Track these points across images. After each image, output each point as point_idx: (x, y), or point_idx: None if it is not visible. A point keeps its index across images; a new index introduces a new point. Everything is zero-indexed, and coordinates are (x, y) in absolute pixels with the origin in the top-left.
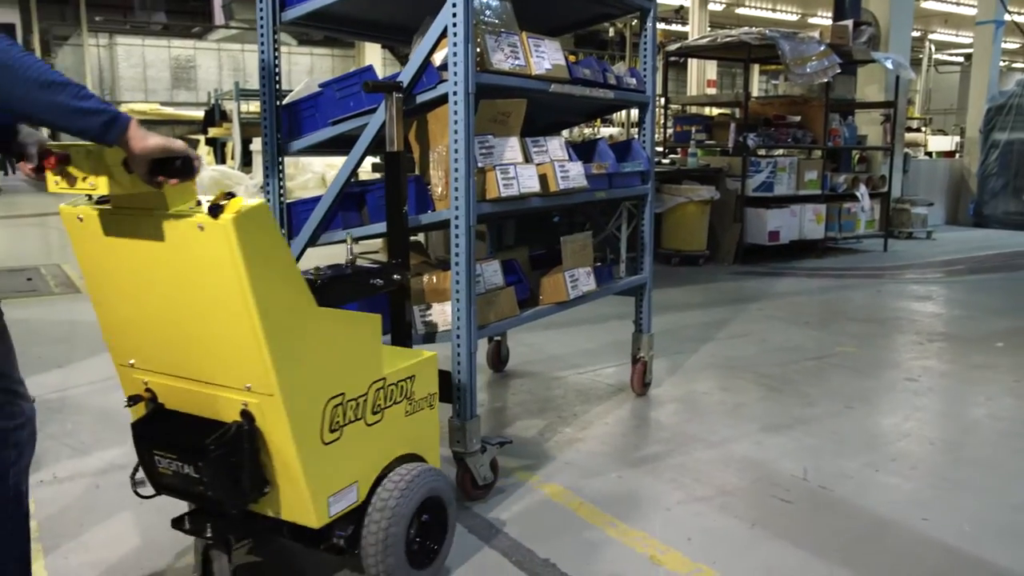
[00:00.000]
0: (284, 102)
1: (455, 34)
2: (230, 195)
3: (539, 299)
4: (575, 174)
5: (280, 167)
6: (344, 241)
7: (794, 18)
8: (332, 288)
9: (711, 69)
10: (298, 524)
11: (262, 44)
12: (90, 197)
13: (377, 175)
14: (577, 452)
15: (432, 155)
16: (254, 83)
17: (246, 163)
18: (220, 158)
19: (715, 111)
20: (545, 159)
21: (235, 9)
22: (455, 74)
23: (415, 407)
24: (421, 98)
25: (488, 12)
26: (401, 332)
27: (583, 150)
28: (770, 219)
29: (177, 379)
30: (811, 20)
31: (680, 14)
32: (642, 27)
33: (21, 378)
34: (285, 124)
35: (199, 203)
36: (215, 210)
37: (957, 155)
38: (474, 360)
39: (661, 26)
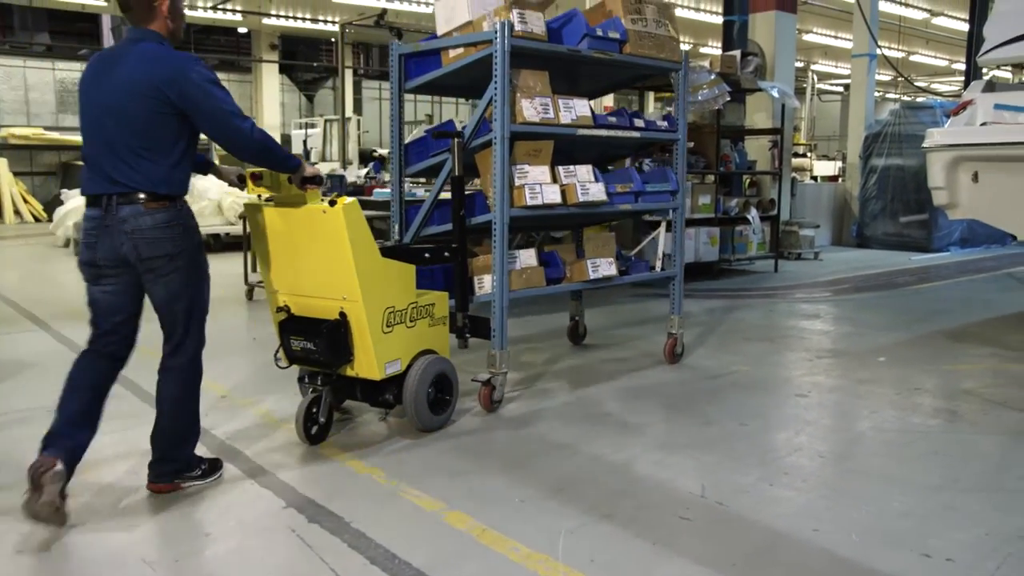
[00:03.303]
0: (405, 143)
1: (496, 101)
2: (337, 199)
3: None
4: (595, 191)
5: (402, 183)
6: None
7: (686, 47)
8: (390, 252)
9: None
10: (367, 381)
11: (393, 104)
12: (259, 196)
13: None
14: (471, 480)
15: (487, 178)
16: None
17: None
18: None
19: None
20: (572, 180)
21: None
22: (496, 126)
23: (435, 322)
24: (476, 142)
25: (526, 80)
26: (461, 290)
27: (622, 175)
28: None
29: (302, 297)
30: (702, 49)
31: None
32: (674, 83)
33: None
34: (405, 156)
35: (323, 200)
36: (332, 204)
37: (840, 179)
38: (505, 311)
39: None
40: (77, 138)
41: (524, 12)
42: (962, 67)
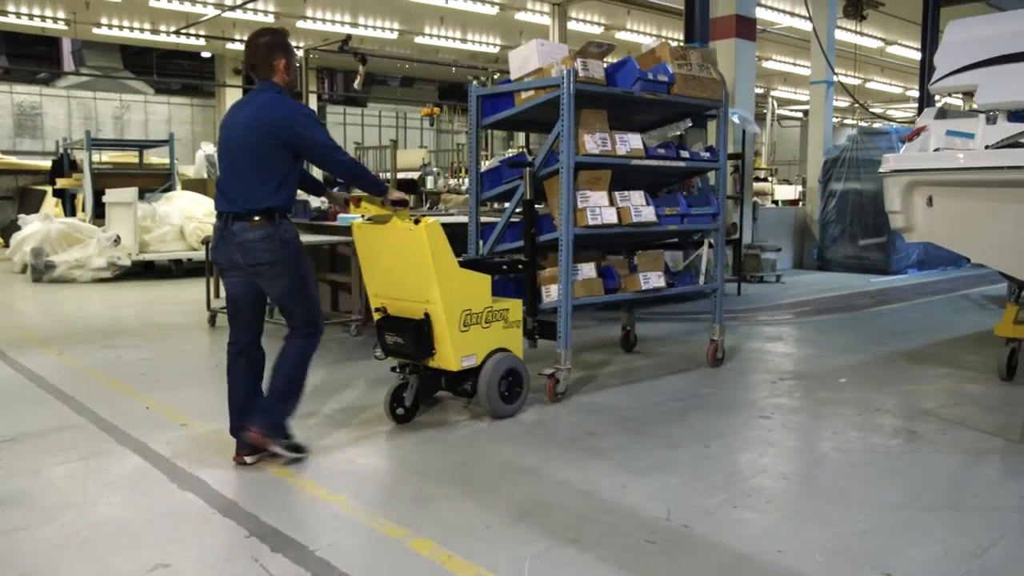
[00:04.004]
0: (482, 170)
1: (563, 135)
2: (422, 218)
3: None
4: (647, 213)
5: (479, 206)
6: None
7: None
8: (471, 264)
9: None
10: (450, 373)
11: (471, 138)
12: (362, 216)
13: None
14: (445, 505)
15: (554, 201)
16: (107, 131)
17: (99, 215)
18: (70, 210)
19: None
20: (627, 204)
21: (86, 55)
22: (563, 157)
23: (509, 325)
24: (545, 171)
25: (588, 117)
26: (531, 297)
27: (669, 200)
28: None
29: (395, 300)
30: None
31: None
32: (716, 119)
33: None
34: (480, 183)
35: (411, 218)
36: (417, 222)
37: (800, 203)
38: (569, 316)
39: None
40: (35, 162)
41: (586, 60)
42: (916, 94)
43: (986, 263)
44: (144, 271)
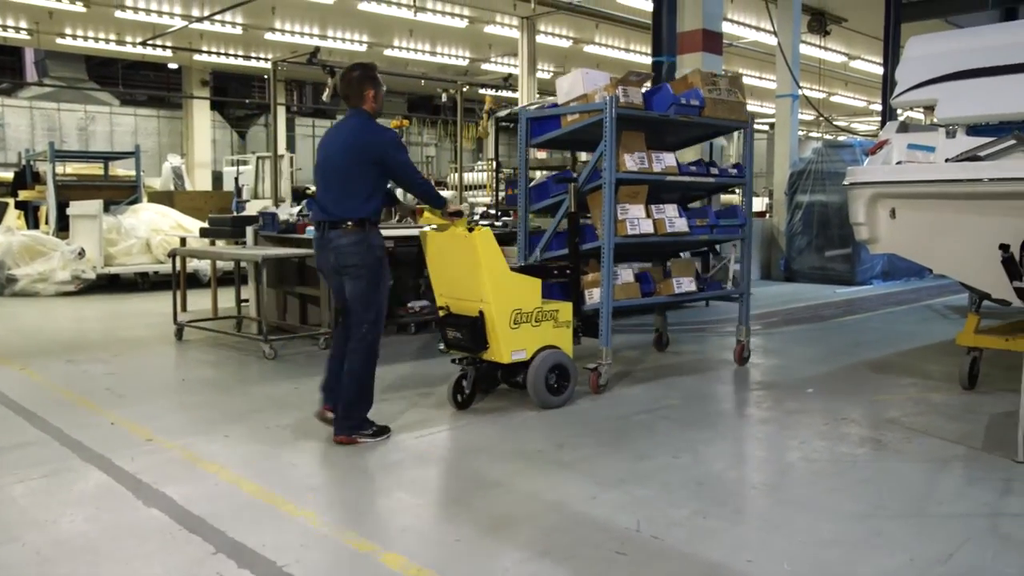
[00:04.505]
0: (532, 185)
1: (605, 154)
2: (475, 226)
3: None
4: (680, 224)
5: (527, 218)
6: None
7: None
8: (524, 269)
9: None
10: (504, 365)
11: (520, 156)
12: (426, 226)
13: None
14: (415, 517)
15: (596, 213)
16: (72, 143)
17: (62, 227)
18: (33, 223)
19: (545, 174)
20: (662, 216)
21: (49, 66)
22: (606, 174)
23: (558, 325)
24: (588, 186)
25: (627, 138)
26: (576, 300)
27: (700, 212)
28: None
29: (456, 299)
30: None
31: (509, 82)
32: (741, 138)
33: None
34: (529, 196)
35: (467, 227)
36: (471, 230)
37: (768, 215)
38: (610, 317)
39: (490, 93)
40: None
41: (626, 87)
42: (879, 108)
43: (947, 274)
44: (109, 284)
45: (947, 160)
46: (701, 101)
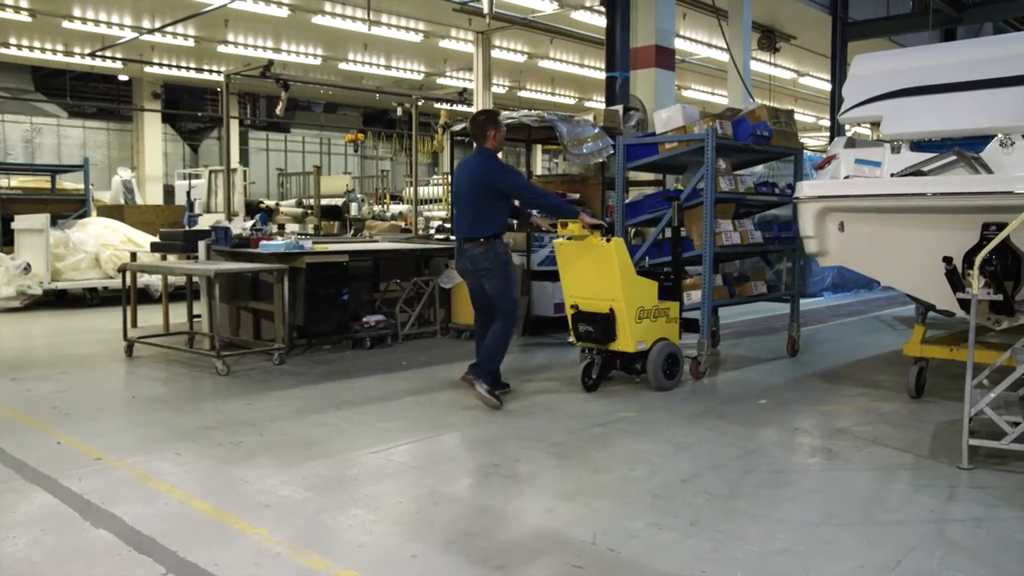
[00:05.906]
0: (627, 202)
1: (705, 177)
2: (611, 234)
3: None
4: (757, 236)
5: (626, 231)
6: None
7: (572, 101)
8: (642, 272)
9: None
10: (625, 355)
11: (618, 177)
12: (558, 236)
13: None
14: (371, 532)
15: (693, 227)
16: (17, 155)
17: (7, 242)
18: None
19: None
20: (745, 229)
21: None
22: (706, 194)
23: (670, 321)
24: (689, 203)
25: (722, 166)
26: (679, 300)
27: (766, 226)
28: (555, 292)
29: (587, 298)
30: (587, 103)
31: (464, 96)
32: (794, 161)
33: None
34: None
35: (602, 236)
36: (608, 239)
37: None
38: (707, 316)
39: (445, 107)
40: None
41: (720, 121)
42: (828, 123)
43: (894, 285)
44: (57, 300)
45: (892, 175)
46: (770, 132)
